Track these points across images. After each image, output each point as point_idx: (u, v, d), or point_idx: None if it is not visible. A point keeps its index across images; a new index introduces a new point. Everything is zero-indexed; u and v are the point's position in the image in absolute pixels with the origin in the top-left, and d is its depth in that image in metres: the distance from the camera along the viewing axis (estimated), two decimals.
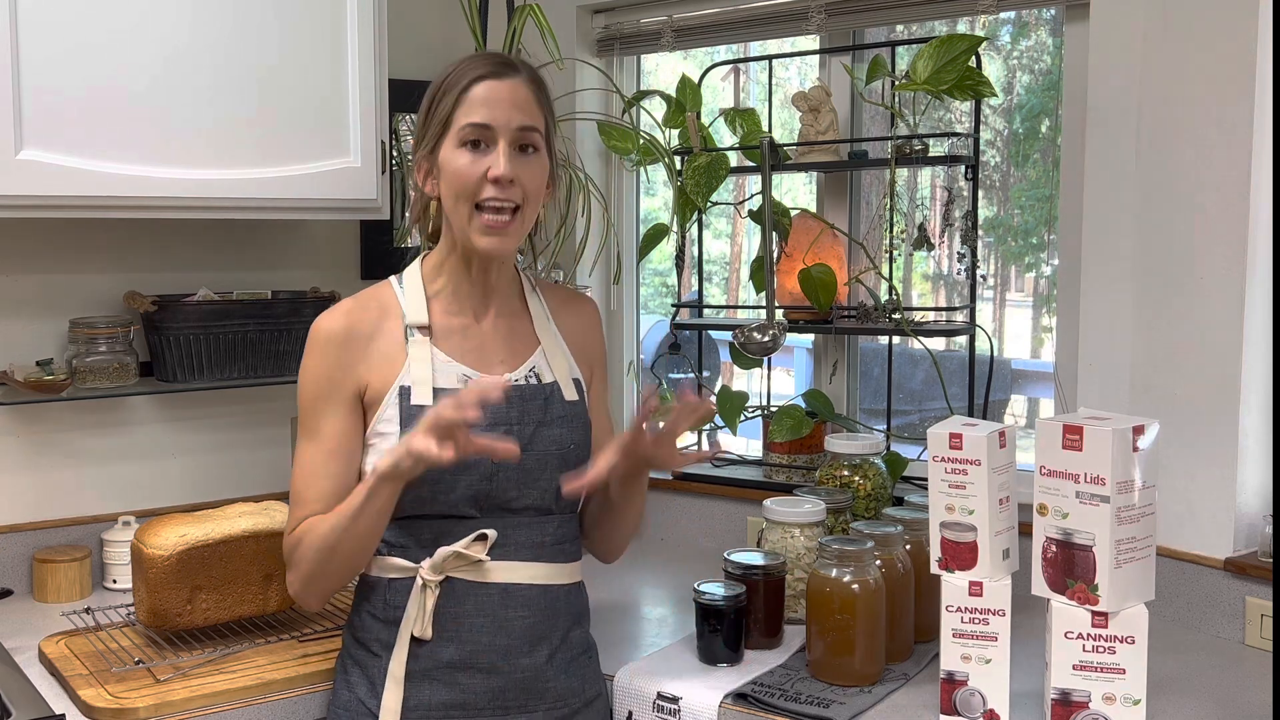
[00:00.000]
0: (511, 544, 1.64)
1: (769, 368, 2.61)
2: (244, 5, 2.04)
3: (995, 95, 2.14)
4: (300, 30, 2.10)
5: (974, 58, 2.13)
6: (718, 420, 2.54)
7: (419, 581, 1.61)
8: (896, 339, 2.39)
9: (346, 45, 2.15)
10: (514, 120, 1.59)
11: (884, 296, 2.37)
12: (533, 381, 1.69)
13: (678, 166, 2.50)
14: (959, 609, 1.62)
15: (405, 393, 1.62)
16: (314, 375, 1.65)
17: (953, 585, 1.63)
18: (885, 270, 2.33)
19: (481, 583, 1.62)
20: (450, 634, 1.62)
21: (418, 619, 1.61)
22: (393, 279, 1.74)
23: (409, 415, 1.60)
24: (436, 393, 1.61)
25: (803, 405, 2.48)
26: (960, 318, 2.32)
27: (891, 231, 2.32)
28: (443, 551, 1.61)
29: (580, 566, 1.74)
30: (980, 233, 2.30)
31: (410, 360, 1.64)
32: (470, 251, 1.65)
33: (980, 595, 1.61)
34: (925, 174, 2.68)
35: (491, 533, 1.62)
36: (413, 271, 1.72)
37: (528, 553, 1.65)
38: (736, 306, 2.75)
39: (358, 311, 1.67)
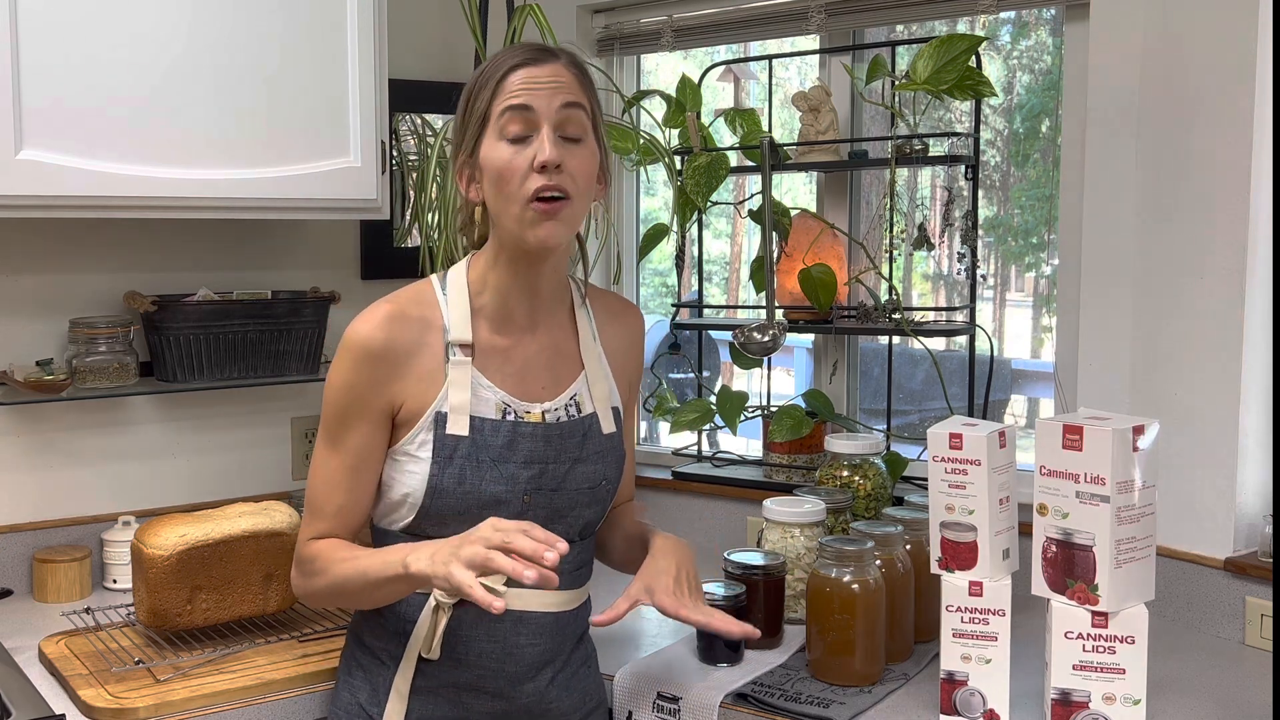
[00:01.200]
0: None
1: (769, 368, 2.61)
2: (245, 5, 2.04)
3: (995, 95, 2.14)
4: (300, 30, 2.10)
5: (974, 58, 2.13)
6: (718, 420, 2.54)
7: (432, 602, 1.57)
8: (896, 339, 2.39)
9: (346, 45, 2.15)
10: (555, 100, 1.49)
11: (884, 296, 2.37)
12: (572, 412, 1.62)
13: (678, 166, 2.50)
14: (959, 609, 1.62)
15: (441, 419, 1.55)
16: (345, 386, 1.56)
17: (953, 585, 1.63)
18: (885, 270, 2.33)
19: None
20: (459, 657, 1.59)
21: (427, 639, 1.57)
22: (435, 279, 1.63)
23: (442, 445, 1.54)
24: (473, 422, 1.56)
25: (803, 405, 2.48)
26: (960, 318, 2.32)
27: (891, 231, 2.32)
28: None
29: (590, 585, 1.72)
30: (980, 233, 2.30)
31: (449, 383, 1.56)
32: (520, 251, 1.55)
33: (980, 595, 1.61)
34: (925, 174, 2.68)
35: None
36: (458, 276, 1.61)
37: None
38: (736, 306, 2.75)
39: (398, 325, 1.56)
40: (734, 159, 2.53)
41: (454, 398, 1.55)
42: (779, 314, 2.42)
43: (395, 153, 2.50)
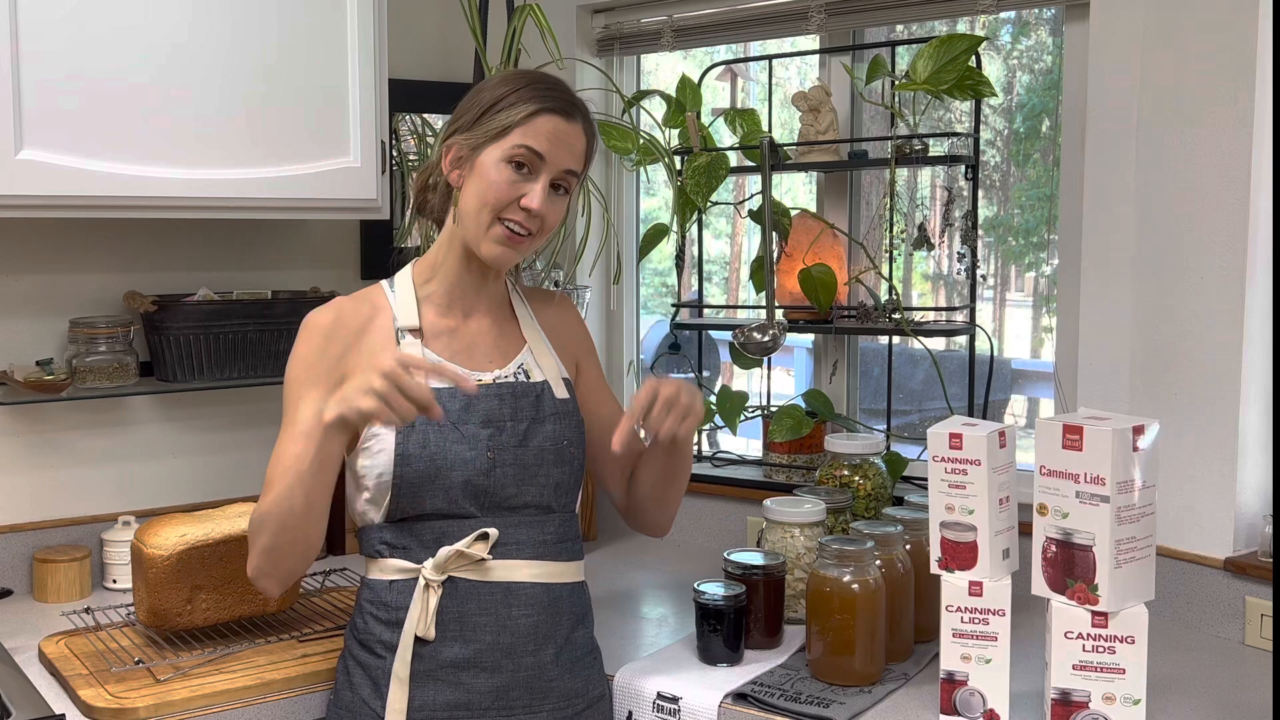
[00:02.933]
0: (513, 543, 1.64)
1: (769, 368, 2.61)
2: (244, 5, 2.04)
3: (995, 95, 2.14)
4: (300, 30, 2.10)
5: (974, 57, 2.13)
6: (718, 420, 2.54)
7: (421, 582, 1.61)
8: (896, 339, 2.39)
9: (346, 45, 2.15)
10: (563, 163, 1.64)
11: (884, 296, 2.37)
12: (521, 378, 1.71)
13: (678, 166, 2.50)
14: (959, 609, 1.62)
15: None
16: (298, 363, 1.67)
17: (953, 585, 1.63)
18: (885, 270, 2.33)
19: (484, 582, 1.62)
20: (453, 634, 1.62)
21: (421, 619, 1.61)
22: (384, 283, 1.76)
23: None
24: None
25: (803, 405, 2.48)
26: (960, 318, 2.32)
27: (891, 231, 2.32)
28: (445, 551, 1.61)
29: (583, 566, 1.74)
30: (980, 232, 2.30)
31: None
32: (474, 254, 1.67)
33: (980, 595, 1.61)
34: (925, 174, 2.68)
35: (493, 531, 1.62)
36: (404, 276, 1.75)
37: (529, 550, 1.65)
38: (736, 306, 2.75)
39: (349, 305, 1.70)
40: (734, 159, 2.53)
41: None
42: (779, 314, 2.42)
43: (395, 153, 2.50)
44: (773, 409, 2.54)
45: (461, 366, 1.68)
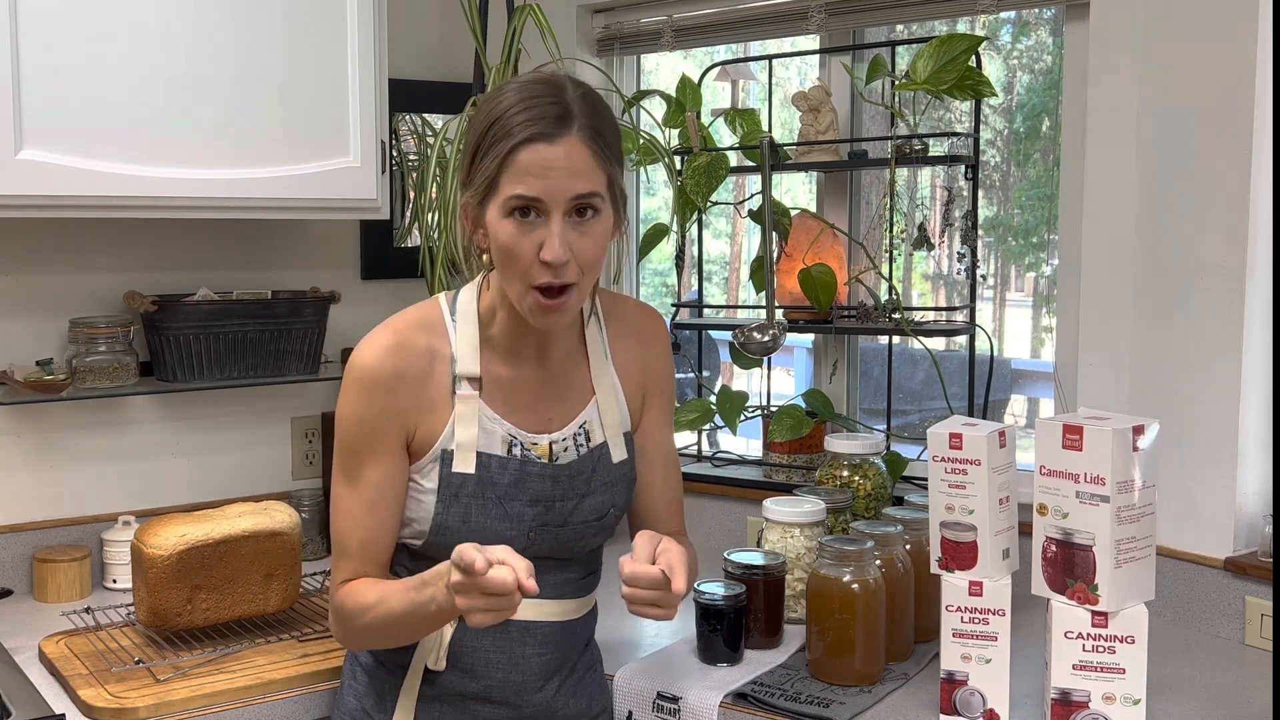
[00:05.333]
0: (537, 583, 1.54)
1: (769, 368, 2.61)
2: (245, 5, 2.04)
3: (995, 95, 2.14)
4: (300, 30, 2.10)
5: (974, 57, 2.13)
6: (718, 420, 2.54)
7: None
8: (896, 339, 2.39)
9: (347, 45, 2.15)
10: (569, 190, 1.39)
11: (884, 296, 2.37)
12: (580, 441, 1.58)
13: (678, 166, 2.50)
14: (959, 609, 1.62)
15: (448, 457, 1.52)
16: (355, 419, 1.51)
17: (953, 585, 1.63)
18: (885, 270, 2.33)
19: None
20: (465, 666, 1.58)
21: (433, 650, 1.57)
22: (444, 302, 1.57)
23: (448, 483, 1.52)
24: (480, 458, 1.52)
25: (803, 405, 2.48)
26: (960, 318, 2.32)
27: (891, 231, 2.32)
28: None
29: (597, 590, 1.70)
30: (980, 232, 2.30)
31: (455, 418, 1.52)
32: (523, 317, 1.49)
33: (980, 595, 1.61)
34: (925, 174, 2.68)
35: None
36: (469, 304, 1.55)
37: (550, 590, 1.58)
38: (736, 306, 2.75)
39: (405, 354, 1.51)
40: (734, 159, 2.53)
41: (460, 434, 1.52)
42: (779, 314, 2.42)
43: (395, 153, 2.50)
44: (773, 409, 2.54)
45: (519, 425, 1.54)
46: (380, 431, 1.51)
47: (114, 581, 2.21)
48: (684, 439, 2.74)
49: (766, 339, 2.38)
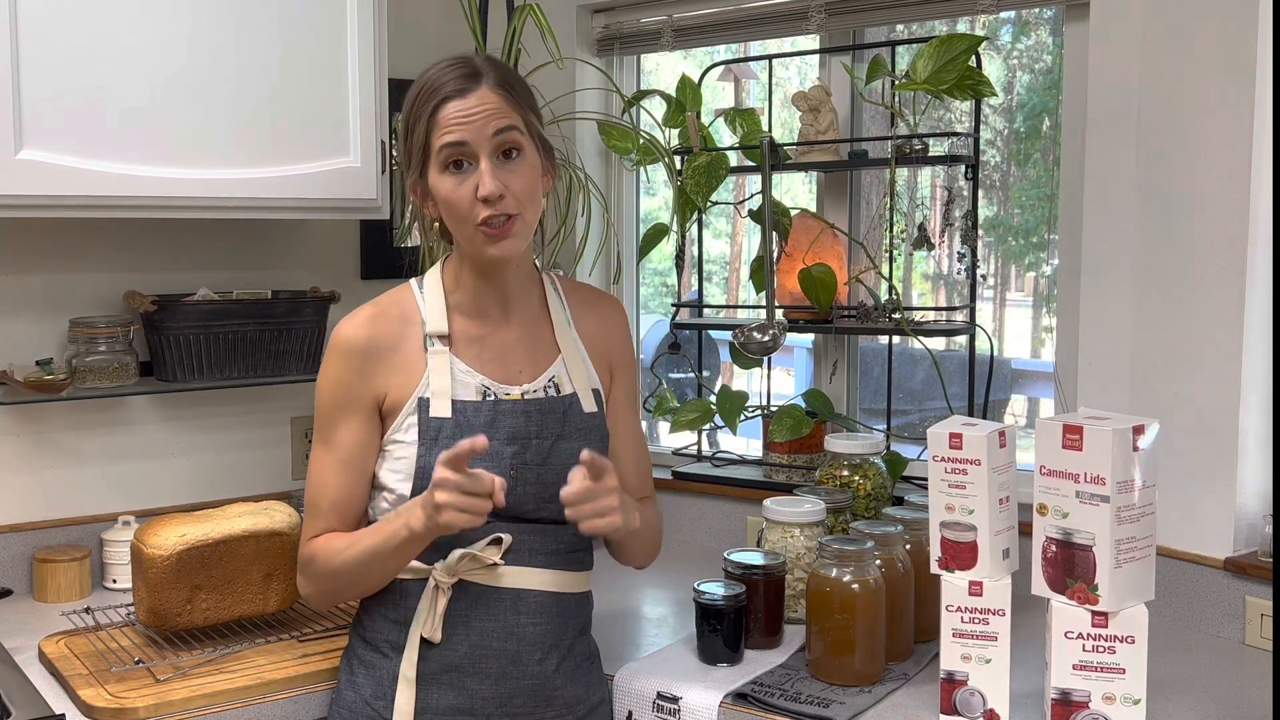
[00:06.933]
0: (526, 550, 1.63)
1: (769, 368, 2.61)
2: (245, 6, 2.04)
3: (995, 95, 2.14)
4: (300, 30, 2.10)
5: (974, 57, 2.13)
6: (718, 420, 2.54)
7: (431, 583, 1.61)
8: (896, 339, 2.39)
9: (346, 45, 2.15)
10: (487, 129, 1.56)
11: (884, 296, 2.37)
12: (551, 393, 1.67)
13: (678, 166, 2.50)
14: (959, 609, 1.62)
15: (424, 405, 1.61)
16: (332, 384, 1.65)
17: (953, 585, 1.63)
18: (885, 270, 2.33)
19: (494, 587, 1.61)
20: (460, 637, 1.61)
21: (428, 620, 1.60)
22: (413, 283, 1.72)
23: (427, 428, 1.60)
24: (455, 405, 1.62)
25: (803, 405, 2.48)
26: (960, 317, 2.32)
27: (891, 231, 2.32)
28: (456, 553, 1.60)
29: (591, 576, 1.73)
30: (980, 232, 2.30)
31: (430, 371, 1.63)
32: (481, 261, 1.63)
33: (980, 595, 1.61)
34: (925, 174, 2.68)
35: (507, 537, 1.60)
36: (434, 277, 1.71)
37: (541, 559, 1.64)
38: (736, 306, 2.75)
39: (380, 321, 1.66)
40: (734, 159, 2.53)
41: (435, 384, 1.62)
42: (779, 314, 2.42)
43: (395, 153, 2.50)
44: (773, 409, 2.54)
45: (491, 378, 1.65)
46: (354, 394, 1.63)
47: (114, 581, 2.21)
48: (684, 439, 2.74)
49: (766, 339, 2.38)
